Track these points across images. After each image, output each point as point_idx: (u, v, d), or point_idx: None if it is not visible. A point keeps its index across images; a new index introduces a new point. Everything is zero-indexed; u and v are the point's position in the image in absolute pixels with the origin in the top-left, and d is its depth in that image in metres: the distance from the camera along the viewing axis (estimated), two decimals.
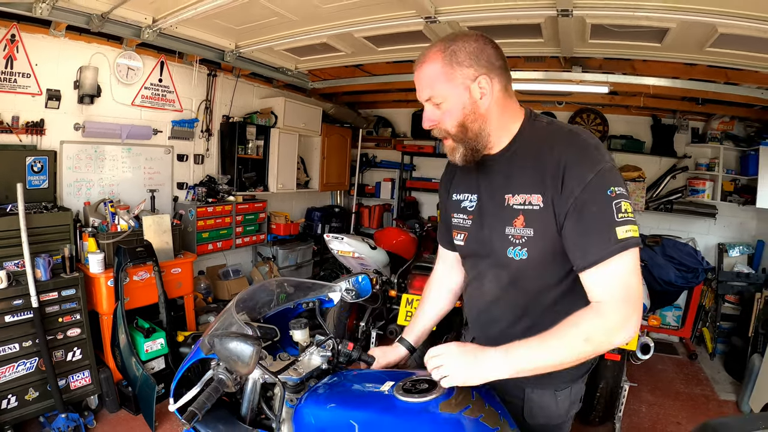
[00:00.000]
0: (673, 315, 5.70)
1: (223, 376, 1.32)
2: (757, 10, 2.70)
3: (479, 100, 1.34)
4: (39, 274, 3.14)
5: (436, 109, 1.38)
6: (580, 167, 1.25)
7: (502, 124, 1.40)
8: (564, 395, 1.51)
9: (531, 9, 3.02)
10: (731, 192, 5.50)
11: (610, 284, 1.22)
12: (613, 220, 1.20)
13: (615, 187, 1.22)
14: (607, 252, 1.20)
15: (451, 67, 1.31)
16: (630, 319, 1.20)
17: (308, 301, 1.80)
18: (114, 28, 3.61)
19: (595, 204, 1.22)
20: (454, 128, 1.38)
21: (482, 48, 1.32)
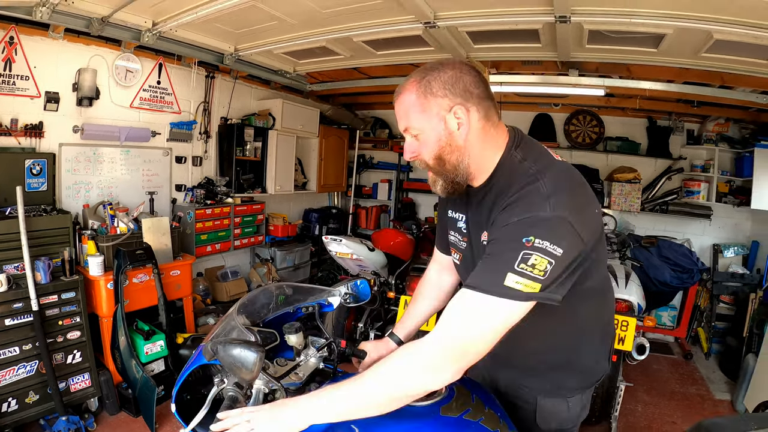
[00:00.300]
0: (669, 315, 5.75)
1: (235, 394, 1.30)
2: (752, 17, 2.74)
3: (456, 131, 1.29)
4: (39, 277, 3.14)
5: (414, 140, 1.34)
6: (512, 211, 1.19)
7: (483, 155, 1.34)
8: (575, 401, 1.52)
9: (530, 15, 3.05)
10: (726, 193, 5.57)
11: (452, 316, 1.17)
12: (509, 266, 1.12)
13: (538, 240, 1.12)
14: (483, 287, 1.14)
15: (425, 98, 1.27)
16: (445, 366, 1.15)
17: (308, 306, 1.80)
18: (114, 32, 3.61)
19: (504, 244, 1.17)
20: (432, 160, 1.34)
21: (458, 76, 1.27)
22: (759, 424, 1.14)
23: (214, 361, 1.38)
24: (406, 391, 1.17)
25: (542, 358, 1.52)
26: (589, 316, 1.46)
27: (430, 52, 4.05)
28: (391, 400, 1.17)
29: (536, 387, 1.53)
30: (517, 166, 1.30)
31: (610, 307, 1.58)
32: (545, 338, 1.47)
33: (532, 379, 1.54)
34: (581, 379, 1.53)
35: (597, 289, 1.41)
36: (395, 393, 1.17)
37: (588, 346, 1.51)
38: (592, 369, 1.54)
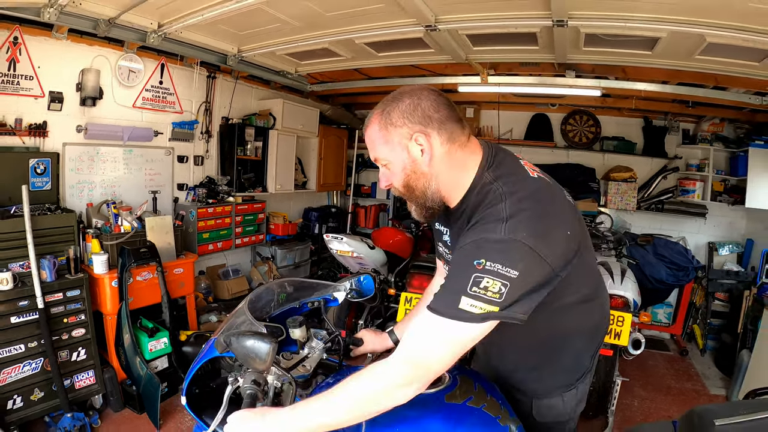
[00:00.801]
0: (665, 312, 5.81)
1: (253, 391, 1.30)
2: (744, 21, 2.81)
3: (419, 157, 1.30)
4: (44, 275, 3.16)
5: (386, 169, 1.37)
6: (471, 231, 1.22)
7: (452, 178, 1.34)
8: (570, 395, 1.56)
9: (528, 19, 3.10)
10: (721, 192, 5.64)
11: (420, 339, 1.21)
12: (462, 289, 1.14)
13: (488, 262, 1.13)
14: (440, 309, 1.17)
15: (386, 130, 1.30)
16: (411, 382, 1.19)
17: (314, 301, 1.85)
18: (120, 33, 3.65)
19: (457, 266, 1.20)
20: (401, 188, 1.37)
21: (416, 104, 1.28)
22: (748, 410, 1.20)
23: (226, 353, 1.42)
24: (372, 408, 1.20)
25: (521, 360, 1.57)
26: (571, 325, 1.49)
27: (430, 53, 4.10)
28: (360, 416, 1.22)
29: (528, 389, 1.57)
30: (486, 187, 1.29)
31: (598, 312, 1.58)
32: (523, 344, 1.53)
33: (520, 381, 1.59)
34: (566, 377, 1.55)
35: (579, 301, 1.44)
36: (363, 410, 1.21)
37: (570, 349, 1.54)
38: (572, 367, 1.56)
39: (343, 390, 1.20)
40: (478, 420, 1.27)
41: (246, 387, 1.30)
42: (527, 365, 1.57)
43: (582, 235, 1.36)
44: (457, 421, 1.26)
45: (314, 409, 1.21)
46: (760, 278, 4.66)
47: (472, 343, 1.20)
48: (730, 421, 1.18)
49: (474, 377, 1.48)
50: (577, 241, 1.29)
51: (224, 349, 1.35)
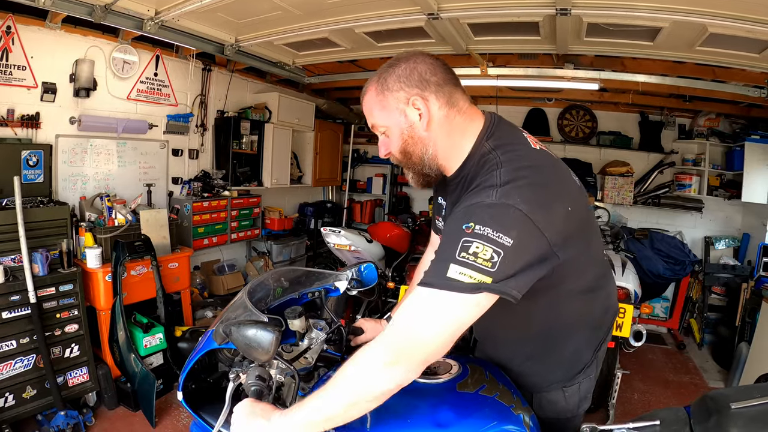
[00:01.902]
0: (662, 306, 5.83)
1: (258, 387, 1.23)
2: (746, 11, 2.80)
3: (417, 122, 1.27)
4: (36, 269, 3.10)
5: (384, 137, 1.35)
6: (464, 200, 1.18)
7: (450, 144, 1.31)
8: (572, 391, 1.50)
9: (531, 7, 3.08)
10: (717, 187, 5.67)
11: (402, 312, 1.13)
12: (451, 256, 1.07)
13: (476, 225, 1.06)
14: (426, 280, 1.09)
15: (383, 95, 1.28)
16: (394, 364, 1.08)
17: (314, 291, 1.80)
18: (116, 20, 3.57)
19: (447, 234, 1.15)
20: (399, 155, 1.35)
21: (412, 68, 1.26)
22: (763, 393, 1.17)
23: (225, 345, 1.38)
24: (362, 396, 1.10)
25: (517, 350, 1.52)
26: (571, 315, 1.42)
27: (430, 44, 4.07)
28: (354, 408, 1.11)
29: (527, 382, 1.50)
30: (485, 155, 1.25)
31: (603, 304, 1.51)
32: (519, 334, 1.48)
33: (517, 373, 1.51)
34: (563, 371, 1.48)
35: (581, 290, 1.38)
36: (354, 401, 1.10)
37: (569, 342, 1.47)
38: (570, 361, 1.48)
39: (334, 383, 1.11)
40: (492, 409, 1.23)
41: (251, 383, 1.24)
42: (522, 356, 1.51)
43: (588, 219, 1.33)
44: (471, 410, 1.23)
45: (314, 408, 1.12)
46: (757, 272, 4.66)
47: (467, 320, 1.10)
48: (746, 404, 1.15)
49: (484, 366, 1.44)
50: (580, 221, 1.24)
51: (223, 341, 1.29)
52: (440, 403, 1.26)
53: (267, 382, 1.26)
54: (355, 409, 1.10)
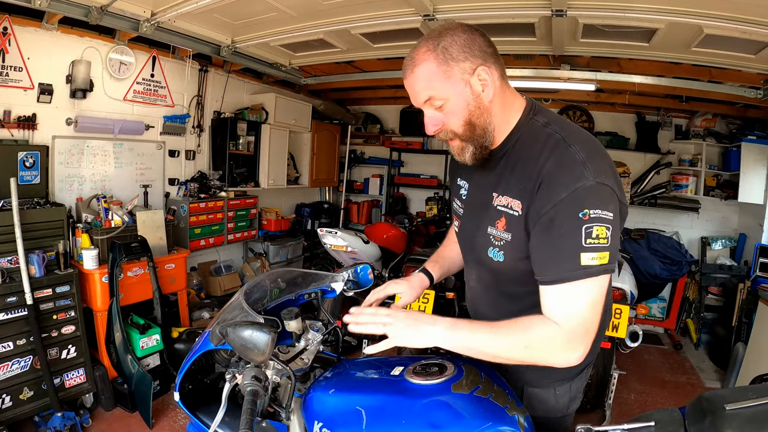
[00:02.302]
0: (658, 306, 5.84)
1: (254, 387, 1.23)
2: (741, 12, 2.81)
3: (482, 93, 1.25)
4: (33, 270, 3.09)
5: (437, 111, 1.30)
6: (556, 183, 1.17)
7: (503, 116, 1.32)
8: (563, 390, 1.50)
9: (527, 9, 3.09)
10: (714, 187, 5.67)
11: (562, 310, 1.19)
12: (579, 245, 1.13)
13: (590, 210, 1.13)
14: (565, 276, 1.16)
15: (447, 65, 1.22)
16: (573, 350, 1.18)
17: (310, 292, 1.80)
18: (112, 21, 3.57)
19: (563, 225, 1.16)
20: (461, 128, 1.29)
21: (472, 38, 1.24)
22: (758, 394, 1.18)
23: (222, 346, 1.38)
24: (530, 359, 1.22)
25: None
26: None
27: None
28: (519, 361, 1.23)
29: (521, 378, 1.50)
30: (540, 130, 1.28)
31: (609, 297, 1.51)
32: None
33: (515, 369, 1.49)
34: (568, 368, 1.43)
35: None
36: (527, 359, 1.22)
37: None
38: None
39: (509, 332, 1.22)
40: (487, 410, 1.23)
41: (246, 384, 1.24)
42: None
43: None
44: (466, 411, 1.23)
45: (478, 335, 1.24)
46: (754, 272, 4.69)
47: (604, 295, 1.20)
48: (740, 405, 1.16)
49: (479, 367, 1.44)
50: None
51: (220, 342, 1.30)
52: (435, 404, 1.26)
53: (263, 383, 1.26)
54: (508, 360, 1.24)
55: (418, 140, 7.31)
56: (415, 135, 7.27)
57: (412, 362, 1.46)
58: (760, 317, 4.03)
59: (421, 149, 7.32)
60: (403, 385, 1.35)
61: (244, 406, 1.19)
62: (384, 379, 1.43)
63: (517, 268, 1.32)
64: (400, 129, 7.45)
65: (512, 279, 1.38)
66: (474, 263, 1.51)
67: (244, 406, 1.19)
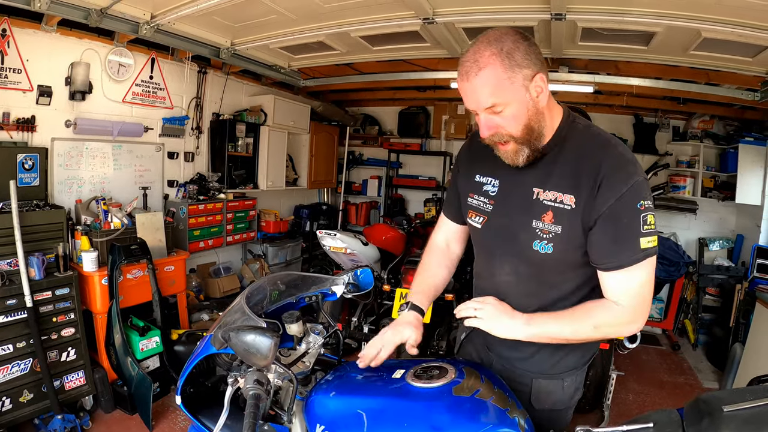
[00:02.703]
0: (656, 307, 5.84)
1: (257, 391, 1.24)
2: (739, 16, 2.83)
3: (537, 98, 1.32)
4: (33, 273, 3.09)
5: (495, 116, 1.33)
6: (617, 179, 1.30)
7: (550, 119, 1.41)
8: (570, 381, 1.56)
9: (527, 12, 3.10)
10: (711, 188, 5.70)
11: (626, 290, 1.35)
12: (639, 231, 1.29)
13: (644, 201, 1.30)
14: (630, 260, 1.31)
15: (512, 71, 1.26)
16: (636, 322, 1.37)
17: (311, 295, 1.79)
18: (112, 24, 3.57)
19: (626, 216, 1.30)
20: (520, 131, 1.35)
21: (531, 45, 1.30)
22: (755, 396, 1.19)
23: (224, 350, 1.39)
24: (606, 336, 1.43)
25: None
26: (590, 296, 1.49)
27: (425, 48, 4.09)
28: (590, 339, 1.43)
29: (533, 369, 1.55)
30: (585, 130, 1.42)
31: None
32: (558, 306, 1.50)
33: (528, 361, 1.55)
34: (579, 356, 1.56)
35: None
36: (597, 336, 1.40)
37: None
38: (588, 345, 1.58)
39: (578, 318, 1.39)
40: (488, 413, 1.24)
41: (249, 387, 1.25)
42: None
43: None
44: (467, 414, 1.24)
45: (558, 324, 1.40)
46: (751, 273, 4.70)
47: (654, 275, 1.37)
48: (738, 407, 1.17)
49: (480, 370, 1.45)
50: None
51: (222, 346, 1.30)
52: (436, 407, 1.27)
53: (265, 387, 1.27)
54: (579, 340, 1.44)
55: (416, 141, 7.33)
56: (414, 136, 7.30)
57: (413, 365, 1.47)
58: (758, 318, 4.05)
59: (419, 151, 7.34)
60: (405, 388, 1.36)
61: (247, 410, 1.19)
62: (385, 382, 1.44)
63: (564, 260, 1.42)
64: (399, 130, 7.47)
65: (555, 269, 1.46)
66: (510, 256, 1.52)
67: (247, 409, 1.19)
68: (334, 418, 1.33)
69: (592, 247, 1.37)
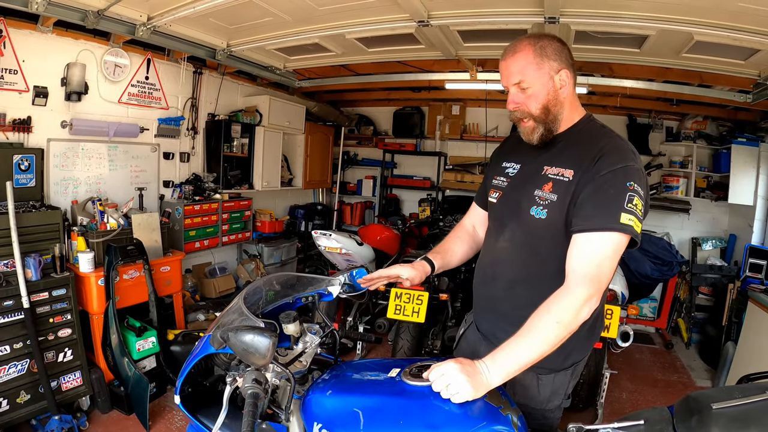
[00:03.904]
0: (649, 306, 5.90)
1: (255, 390, 1.26)
2: (732, 20, 2.86)
3: (560, 89, 1.56)
4: (29, 274, 3.09)
5: (521, 93, 1.57)
6: (614, 157, 1.45)
7: (569, 113, 1.62)
8: (546, 381, 1.62)
9: (520, 15, 3.12)
10: (704, 188, 5.75)
11: (587, 257, 1.40)
12: (621, 206, 1.37)
13: (635, 184, 1.40)
14: (603, 226, 1.39)
15: (541, 59, 1.53)
16: (592, 296, 1.36)
17: (307, 296, 1.82)
18: (109, 25, 3.58)
19: (613, 187, 1.41)
20: (538, 110, 1.57)
21: (563, 48, 1.56)
22: (744, 394, 1.22)
23: (222, 350, 1.40)
24: (567, 331, 1.35)
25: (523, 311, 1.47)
26: None
27: (420, 49, 4.11)
28: (560, 337, 1.35)
29: None
30: (599, 129, 1.61)
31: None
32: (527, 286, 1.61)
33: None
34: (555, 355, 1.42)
35: None
36: (564, 331, 1.34)
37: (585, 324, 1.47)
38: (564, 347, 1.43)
39: (539, 324, 1.35)
40: (481, 410, 1.27)
41: (247, 387, 1.27)
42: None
43: None
44: (461, 411, 1.26)
45: (522, 349, 1.34)
46: (744, 272, 4.75)
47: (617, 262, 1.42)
48: (726, 404, 1.20)
49: None
50: None
51: (221, 346, 1.32)
52: (431, 404, 1.29)
53: (263, 386, 1.29)
54: (555, 345, 1.35)
55: (411, 142, 7.34)
56: (408, 137, 7.31)
57: (408, 364, 1.49)
58: (750, 317, 4.10)
59: (414, 151, 7.35)
60: (400, 386, 1.38)
61: (246, 409, 1.21)
62: (381, 380, 1.46)
63: (554, 226, 1.54)
64: (394, 131, 7.48)
65: (546, 237, 1.57)
66: (512, 223, 1.68)
67: (246, 408, 1.21)
68: (331, 417, 1.35)
69: (574, 211, 1.48)
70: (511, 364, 1.33)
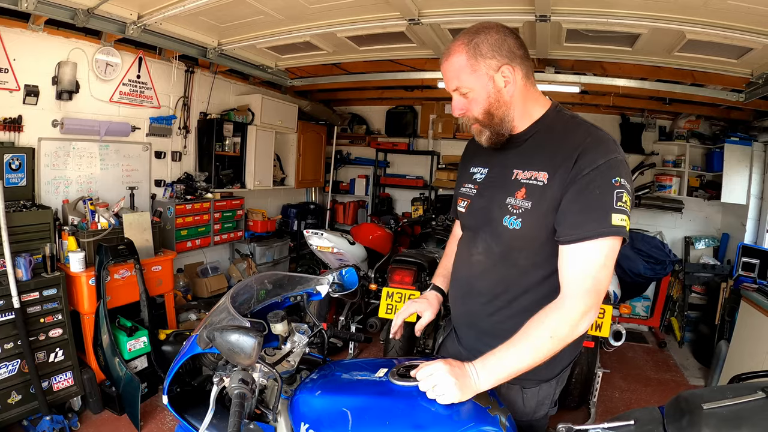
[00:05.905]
0: (642, 305, 5.92)
1: (241, 390, 1.25)
2: (723, 19, 2.87)
3: (503, 88, 1.42)
4: (20, 273, 3.08)
5: (463, 98, 1.46)
6: (594, 153, 1.32)
7: (525, 109, 1.48)
8: (531, 393, 1.53)
9: (511, 14, 3.12)
10: (697, 187, 5.77)
11: (581, 271, 1.31)
12: (611, 206, 1.27)
13: (621, 178, 1.29)
14: (595, 233, 1.28)
15: (475, 60, 1.38)
16: (590, 310, 1.29)
17: (296, 295, 1.81)
18: (99, 24, 3.55)
19: (599, 187, 1.30)
20: (481, 115, 1.45)
21: (503, 39, 1.39)
22: (734, 394, 1.22)
23: (209, 350, 1.39)
24: (561, 344, 1.30)
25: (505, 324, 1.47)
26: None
27: (411, 48, 4.10)
28: (554, 350, 1.29)
29: None
30: (570, 120, 1.46)
31: None
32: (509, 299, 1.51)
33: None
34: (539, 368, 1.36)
35: None
36: (558, 345, 1.29)
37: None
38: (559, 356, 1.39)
39: (532, 335, 1.30)
40: (469, 410, 1.26)
41: (234, 386, 1.26)
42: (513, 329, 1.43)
43: None
44: (449, 412, 1.26)
45: (512, 356, 1.30)
46: (736, 271, 4.76)
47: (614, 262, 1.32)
48: (717, 404, 1.20)
49: None
50: None
51: (207, 345, 1.31)
52: (419, 405, 1.29)
53: (250, 386, 1.28)
54: (546, 357, 1.30)
55: (403, 141, 7.33)
56: (401, 136, 7.30)
57: (396, 364, 1.49)
58: (743, 316, 4.12)
59: (407, 150, 7.35)
60: (388, 386, 1.38)
61: (232, 409, 1.20)
62: (369, 380, 1.45)
63: (530, 235, 1.42)
64: (386, 130, 7.47)
65: (522, 249, 1.46)
66: (484, 234, 1.57)
67: (232, 408, 1.21)
68: (319, 417, 1.35)
69: (558, 219, 1.36)
70: (502, 371, 1.30)
